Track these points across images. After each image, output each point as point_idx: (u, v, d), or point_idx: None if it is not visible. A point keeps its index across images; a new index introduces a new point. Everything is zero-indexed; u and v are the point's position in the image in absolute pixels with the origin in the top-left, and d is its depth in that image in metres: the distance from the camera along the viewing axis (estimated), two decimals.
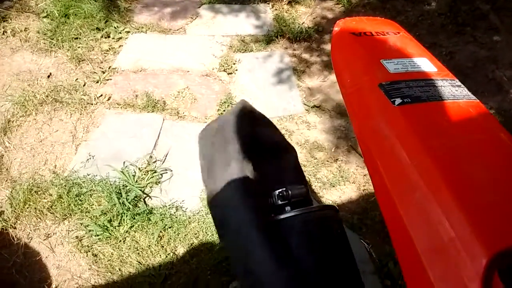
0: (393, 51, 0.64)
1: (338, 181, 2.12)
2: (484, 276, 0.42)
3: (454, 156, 0.51)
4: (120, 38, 2.95)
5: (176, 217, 1.89)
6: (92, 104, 2.43)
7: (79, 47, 2.81)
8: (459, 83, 0.64)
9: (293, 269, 0.52)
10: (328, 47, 3.06)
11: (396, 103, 0.55)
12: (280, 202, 0.59)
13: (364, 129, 0.59)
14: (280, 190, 0.60)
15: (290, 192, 0.59)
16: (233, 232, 0.52)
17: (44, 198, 1.90)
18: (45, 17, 3.03)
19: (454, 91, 0.60)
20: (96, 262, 1.74)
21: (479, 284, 0.42)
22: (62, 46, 2.80)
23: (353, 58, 0.65)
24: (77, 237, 1.81)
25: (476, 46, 3.11)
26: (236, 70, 2.76)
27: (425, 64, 0.64)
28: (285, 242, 0.53)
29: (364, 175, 2.15)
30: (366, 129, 0.58)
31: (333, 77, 2.77)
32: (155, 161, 2.12)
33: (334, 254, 0.55)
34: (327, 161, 2.23)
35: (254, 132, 0.64)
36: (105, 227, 1.80)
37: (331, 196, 2.07)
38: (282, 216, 0.56)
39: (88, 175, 2.02)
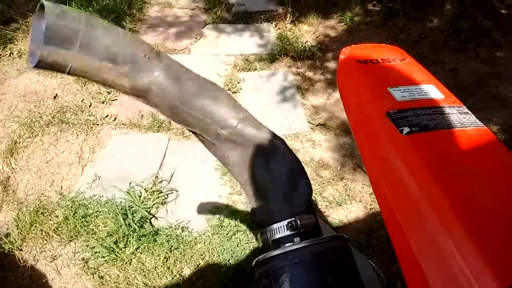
0: (399, 78, 0.65)
1: (344, 200, 2.11)
2: None
3: (464, 186, 0.51)
4: None
5: (182, 238, 1.88)
6: (98, 124, 2.44)
7: None
8: (466, 110, 0.64)
9: None
10: (331, 65, 3.08)
11: (404, 132, 0.55)
12: (289, 233, 0.59)
13: (372, 158, 0.59)
14: (289, 220, 0.59)
15: (299, 222, 0.58)
16: None
17: (50, 220, 1.91)
18: None
19: (461, 118, 0.60)
20: (102, 284, 1.73)
21: None
22: None
23: (359, 86, 0.65)
24: (83, 259, 1.80)
25: (478, 63, 3.12)
26: (241, 89, 2.78)
27: (432, 91, 0.64)
28: None
29: (371, 194, 2.14)
30: (375, 158, 0.58)
31: (337, 95, 2.78)
32: (161, 181, 2.12)
33: (345, 285, 0.55)
34: (333, 179, 2.22)
35: None
36: (111, 249, 1.80)
37: (337, 215, 2.06)
38: (292, 248, 0.56)
39: (94, 196, 2.02)
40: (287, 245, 0.57)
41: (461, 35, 3.27)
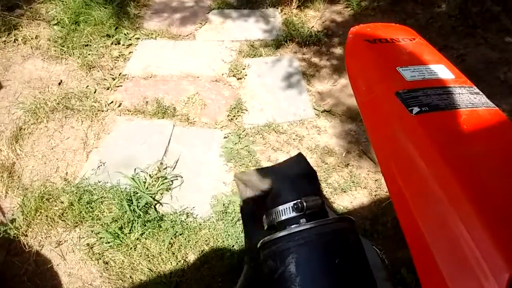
0: (409, 58, 0.63)
1: (350, 186, 2.10)
2: None
3: (474, 167, 0.50)
4: (130, 44, 2.97)
5: (186, 224, 1.89)
6: (102, 111, 2.44)
7: (89, 54, 2.82)
8: (477, 90, 0.62)
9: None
10: (337, 50, 3.05)
11: (414, 111, 0.54)
12: (295, 214, 0.58)
13: (380, 139, 0.57)
14: (294, 201, 0.58)
15: (305, 203, 0.57)
16: None
17: (56, 206, 1.91)
18: (55, 24, 3.06)
19: (472, 99, 0.59)
20: (107, 270, 1.74)
21: None
22: (73, 53, 2.82)
23: (368, 66, 0.63)
24: (88, 244, 1.81)
25: (487, 48, 3.08)
26: (246, 75, 2.76)
27: (442, 71, 0.62)
28: None
29: (376, 180, 2.12)
30: (383, 139, 0.57)
31: (343, 81, 2.76)
32: (166, 168, 2.12)
33: (351, 266, 0.54)
34: (338, 166, 2.21)
35: None
36: (116, 235, 1.80)
37: (342, 201, 2.05)
38: (298, 229, 0.55)
39: (99, 182, 2.02)
40: (293, 226, 0.57)
41: (469, 20, 3.22)
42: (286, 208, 0.59)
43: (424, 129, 0.53)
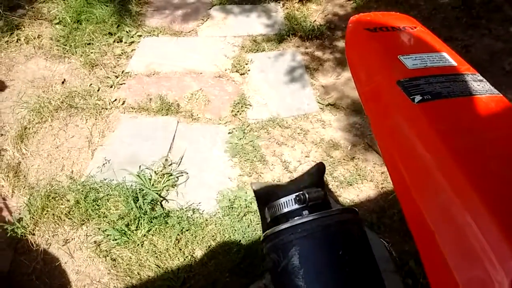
0: (410, 46, 0.62)
1: (355, 179, 2.09)
2: None
3: (479, 155, 0.49)
4: (132, 42, 2.96)
5: (193, 220, 1.89)
6: (106, 109, 2.44)
7: (92, 53, 2.83)
8: (481, 77, 0.61)
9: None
10: (340, 44, 3.03)
11: (416, 100, 0.53)
12: (297, 206, 0.58)
13: (382, 128, 0.57)
14: (297, 193, 0.58)
15: (307, 195, 0.57)
16: None
17: (62, 204, 1.92)
18: (57, 23, 3.06)
19: (476, 86, 0.58)
20: (115, 267, 1.75)
21: (509, 286, 0.40)
22: (75, 52, 2.82)
23: (369, 55, 0.63)
24: (95, 242, 1.82)
25: (491, 39, 3.05)
26: (249, 70, 2.75)
27: (445, 58, 0.61)
28: None
29: (382, 173, 2.11)
30: (385, 128, 0.56)
31: (347, 74, 2.74)
32: (171, 164, 2.12)
33: (356, 257, 0.53)
34: (344, 159, 2.20)
35: None
36: (123, 232, 1.80)
37: (349, 195, 2.04)
38: (300, 221, 0.54)
39: (105, 179, 2.03)
40: (295, 218, 0.56)
41: (473, 11, 3.19)
42: (288, 200, 0.59)
43: (427, 117, 0.52)
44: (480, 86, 0.58)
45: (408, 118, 0.53)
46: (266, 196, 0.63)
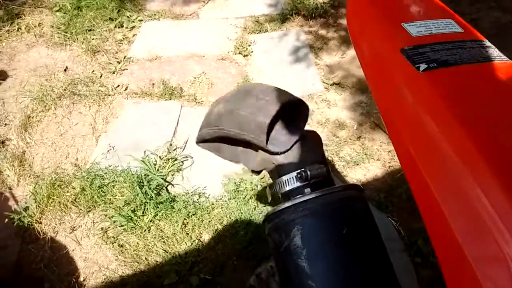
0: (414, 13, 0.59)
1: (362, 159, 2.06)
2: None
3: (489, 124, 0.46)
4: (134, 27, 2.93)
5: (199, 204, 1.88)
6: (109, 95, 2.42)
7: (93, 39, 2.80)
8: (489, 44, 0.58)
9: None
10: (345, 22, 2.96)
11: (421, 68, 0.50)
12: (299, 184, 0.55)
13: (386, 100, 0.54)
14: (298, 171, 0.55)
15: (309, 172, 0.54)
16: None
17: (68, 192, 1.91)
18: (57, 11, 3.02)
19: (484, 52, 0.55)
20: (122, 253, 1.74)
21: None
22: (77, 38, 2.79)
23: (371, 23, 0.59)
24: (102, 228, 1.82)
25: (499, 12, 2.98)
26: (252, 51, 2.71)
27: (451, 25, 0.58)
28: None
29: (389, 152, 2.08)
30: (389, 99, 0.53)
31: (352, 52, 2.69)
32: (175, 149, 2.10)
33: (360, 235, 0.51)
34: (350, 139, 2.17)
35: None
36: (129, 217, 1.80)
37: (356, 174, 2.02)
38: (302, 199, 0.52)
39: (110, 166, 2.02)
40: (297, 197, 0.54)
41: None
42: (290, 178, 0.56)
43: (433, 86, 0.49)
44: (489, 52, 0.55)
45: (413, 87, 0.51)
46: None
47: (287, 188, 0.56)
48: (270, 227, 0.54)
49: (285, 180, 0.57)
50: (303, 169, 0.55)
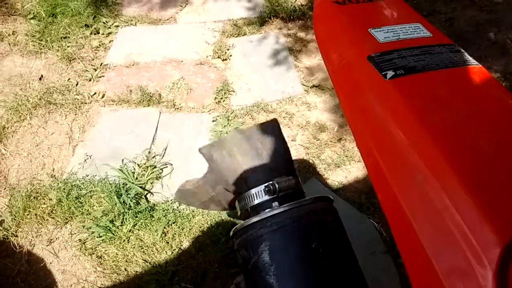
0: (382, 18, 0.58)
1: (343, 161, 2.06)
2: (498, 266, 0.36)
3: (458, 132, 0.45)
4: (110, 33, 2.88)
5: (179, 212, 1.85)
6: (86, 103, 2.37)
7: (68, 46, 2.74)
8: (458, 48, 0.57)
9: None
10: None
11: (388, 76, 0.49)
12: (267, 197, 0.54)
13: (354, 109, 0.53)
14: (266, 184, 0.54)
15: (277, 185, 0.53)
16: None
17: (44, 203, 1.87)
18: (32, 18, 2.96)
19: (453, 57, 0.54)
20: (101, 264, 1.71)
21: (493, 275, 0.36)
22: (52, 46, 2.74)
23: (337, 30, 0.58)
24: (80, 240, 1.77)
25: (475, 10, 3.01)
26: (231, 55, 2.69)
27: (419, 29, 0.57)
28: None
29: None
30: (356, 108, 0.52)
31: None
32: (154, 156, 2.07)
33: (331, 249, 0.50)
34: (331, 141, 2.16)
35: None
36: (108, 228, 1.76)
37: (337, 177, 2.01)
38: (270, 213, 0.50)
39: (87, 176, 1.98)
40: (266, 211, 0.52)
41: None
42: (259, 192, 0.55)
43: (400, 94, 0.48)
44: (458, 57, 0.54)
45: (381, 96, 0.49)
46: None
47: (256, 202, 0.55)
48: (238, 243, 0.53)
49: (253, 194, 0.55)
50: (271, 182, 0.53)
